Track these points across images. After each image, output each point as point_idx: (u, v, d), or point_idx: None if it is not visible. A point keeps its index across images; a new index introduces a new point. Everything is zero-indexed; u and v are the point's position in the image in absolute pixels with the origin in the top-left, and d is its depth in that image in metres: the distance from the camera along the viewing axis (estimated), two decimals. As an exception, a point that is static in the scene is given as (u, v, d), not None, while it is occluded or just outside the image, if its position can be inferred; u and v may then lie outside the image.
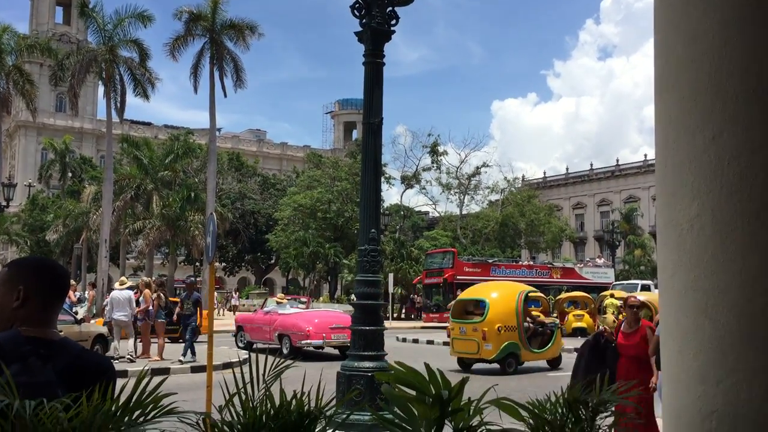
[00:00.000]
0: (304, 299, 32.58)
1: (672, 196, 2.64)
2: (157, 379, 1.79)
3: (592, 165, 79.51)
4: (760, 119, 2.43)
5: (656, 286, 4.55)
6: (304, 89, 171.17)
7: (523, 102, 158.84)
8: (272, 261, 64.47)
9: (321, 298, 55.99)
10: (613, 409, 2.21)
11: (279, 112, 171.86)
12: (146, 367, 2.10)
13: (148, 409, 1.63)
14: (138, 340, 17.54)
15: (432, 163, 53.58)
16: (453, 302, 20.92)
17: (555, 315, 26.91)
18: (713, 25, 2.52)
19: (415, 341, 26.81)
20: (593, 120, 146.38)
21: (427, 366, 2.08)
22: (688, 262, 2.52)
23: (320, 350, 19.44)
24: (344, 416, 2.07)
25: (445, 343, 25.17)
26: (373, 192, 8.73)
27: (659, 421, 6.80)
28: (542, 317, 19.82)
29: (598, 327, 13.52)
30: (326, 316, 20.88)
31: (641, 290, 30.35)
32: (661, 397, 5.30)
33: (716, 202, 2.46)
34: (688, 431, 2.44)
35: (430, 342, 26.21)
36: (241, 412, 1.79)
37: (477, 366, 17.54)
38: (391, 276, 39.28)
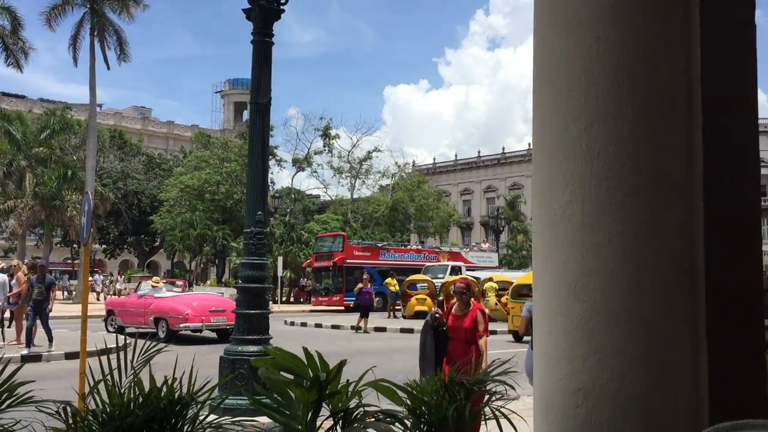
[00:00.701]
0: (179, 282, 31.74)
1: (547, 183, 2.74)
2: (14, 367, 1.68)
3: (479, 152, 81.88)
4: (627, 112, 2.55)
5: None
6: (193, 67, 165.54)
7: (415, 88, 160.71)
8: (157, 243, 62.35)
9: (208, 282, 54.69)
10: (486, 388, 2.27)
11: (166, 90, 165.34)
12: (17, 354, 1.96)
13: (2, 398, 1.52)
14: (8, 326, 16.54)
15: (324, 146, 53.34)
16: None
17: (441, 298, 27.59)
18: (587, 17, 2.61)
19: (304, 324, 26.74)
20: (482, 109, 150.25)
21: (305, 350, 2.06)
22: (560, 246, 2.63)
23: (198, 334, 19.01)
24: (219, 401, 2.02)
25: (334, 326, 25.30)
26: (260, 173, 8.59)
27: (529, 399, 7.07)
28: None
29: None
30: (205, 299, 20.35)
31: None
32: (530, 377, 5.51)
33: (587, 190, 2.57)
34: (557, 408, 2.55)
35: (318, 325, 26.22)
36: (107, 400, 1.71)
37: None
38: (280, 259, 38.90)
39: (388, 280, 31.13)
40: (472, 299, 6.86)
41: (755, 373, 2.78)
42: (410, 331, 21.90)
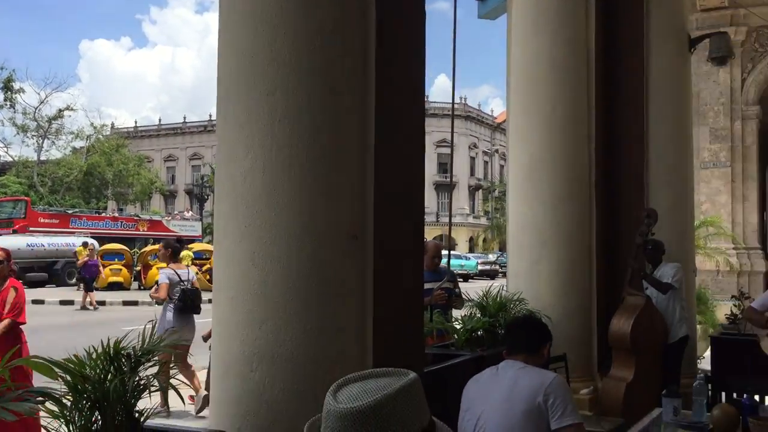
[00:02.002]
0: None
1: (230, 149, 2.70)
2: None
3: (185, 118, 79.17)
4: (307, 81, 2.61)
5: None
6: None
7: (116, 45, 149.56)
8: None
9: None
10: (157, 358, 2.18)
11: None
12: None
13: None
14: None
15: (5, 101, 47.25)
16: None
17: (138, 267, 26.33)
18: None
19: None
20: (189, 73, 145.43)
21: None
22: (242, 213, 2.61)
23: None
24: None
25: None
26: None
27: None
28: None
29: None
30: None
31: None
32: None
33: (268, 157, 2.58)
34: (233, 372, 2.55)
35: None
36: None
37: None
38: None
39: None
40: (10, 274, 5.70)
41: (414, 326, 3.09)
42: (103, 303, 20.56)
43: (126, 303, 21.12)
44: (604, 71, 6.27)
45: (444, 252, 6.27)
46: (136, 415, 2.06)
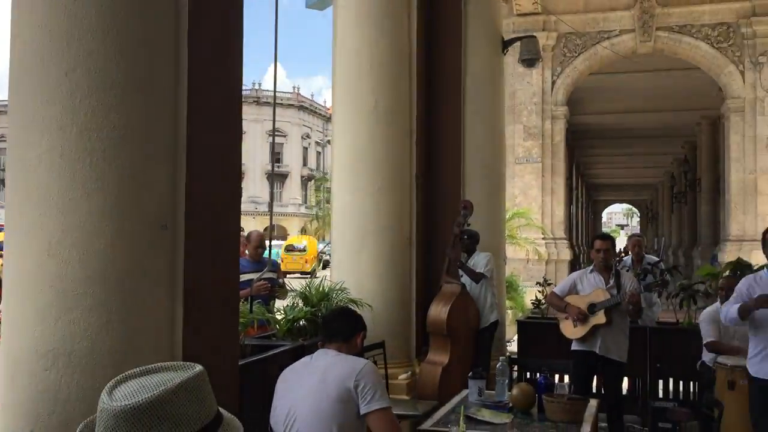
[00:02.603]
0: None
1: (23, 130, 2.48)
2: None
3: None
4: (114, 58, 2.45)
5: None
6: None
7: None
8: None
9: None
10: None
11: None
12: None
13: None
14: None
15: None
16: None
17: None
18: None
19: None
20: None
21: None
22: (36, 200, 2.42)
23: None
24: None
25: None
26: None
27: None
28: None
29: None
30: None
31: None
32: None
33: (66, 139, 2.39)
34: (25, 371, 2.36)
35: None
36: None
37: None
38: None
39: None
40: None
41: (227, 317, 3.03)
42: None
43: None
44: (424, 70, 6.51)
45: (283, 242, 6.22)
46: None
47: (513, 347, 7.77)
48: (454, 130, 6.65)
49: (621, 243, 17.31)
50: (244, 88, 3.85)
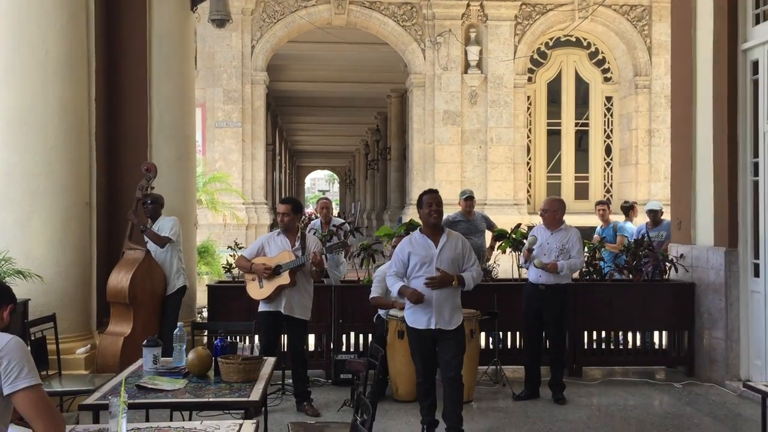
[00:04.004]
0: None
1: None
2: None
3: None
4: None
5: None
6: None
7: None
8: None
9: None
10: None
11: None
12: None
13: None
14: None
15: None
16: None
17: None
18: None
19: None
20: None
21: None
22: None
23: None
24: None
25: None
26: None
27: None
28: None
29: None
30: None
31: None
32: None
33: None
34: None
35: None
36: None
37: None
38: None
39: None
40: None
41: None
42: None
43: None
44: (105, 29, 6.10)
45: None
46: None
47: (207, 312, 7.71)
48: (138, 90, 6.31)
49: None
50: None
